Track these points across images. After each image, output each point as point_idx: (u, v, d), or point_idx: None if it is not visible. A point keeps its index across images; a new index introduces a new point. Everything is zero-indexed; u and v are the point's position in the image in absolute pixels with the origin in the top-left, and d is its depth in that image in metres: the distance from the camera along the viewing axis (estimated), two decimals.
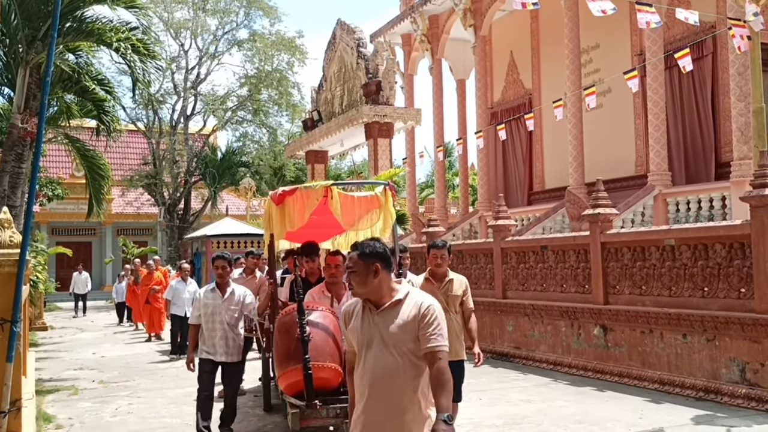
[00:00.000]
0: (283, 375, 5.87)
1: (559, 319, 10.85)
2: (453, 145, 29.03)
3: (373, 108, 18.26)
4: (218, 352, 6.54)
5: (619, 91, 15.31)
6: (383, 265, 3.37)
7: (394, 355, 3.30)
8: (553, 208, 15.50)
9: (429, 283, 6.14)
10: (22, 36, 12.73)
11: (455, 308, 6.12)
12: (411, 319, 3.33)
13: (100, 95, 15.32)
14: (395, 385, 3.29)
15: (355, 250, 3.43)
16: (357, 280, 3.37)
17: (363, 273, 3.35)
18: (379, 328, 3.36)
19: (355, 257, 3.39)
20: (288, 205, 5.94)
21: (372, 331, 3.37)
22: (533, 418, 7.61)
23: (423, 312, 3.32)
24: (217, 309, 6.57)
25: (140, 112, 32.72)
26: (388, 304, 3.37)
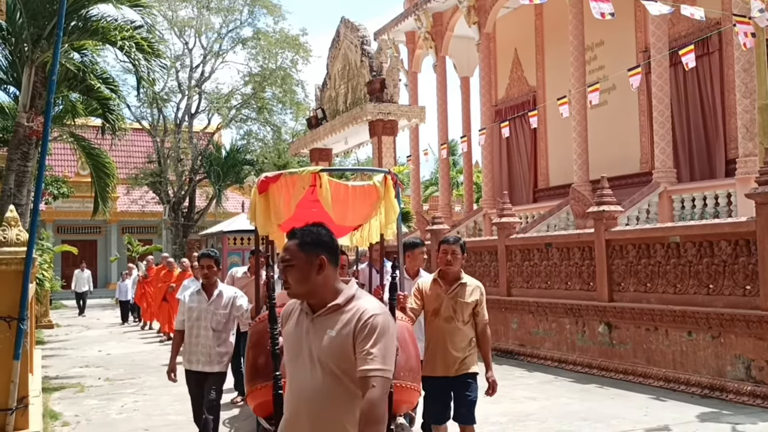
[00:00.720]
0: (252, 393, 5.03)
1: (564, 317, 10.85)
2: (457, 142, 29.03)
3: (377, 106, 18.29)
4: (200, 360, 5.85)
5: (624, 88, 15.27)
6: (329, 257, 2.69)
7: (323, 374, 2.63)
8: (558, 206, 15.48)
9: (437, 285, 5.17)
10: (27, 35, 12.76)
11: (464, 318, 5.11)
12: (347, 333, 2.61)
13: (105, 94, 15.36)
14: (321, 413, 2.63)
15: (293, 238, 2.72)
16: (295, 276, 2.67)
17: (304, 267, 2.65)
18: (310, 338, 2.68)
19: (294, 247, 2.68)
20: (272, 194, 4.97)
21: (302, 340, 2.71)
22: (537, 416, 7.62)
23: (363, 323, 2.59)
24: (202, 313, 5.86)
25: (145, 111, 32.79)
26: (325, 310, 2.68)
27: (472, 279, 5.27)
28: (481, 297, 5.19)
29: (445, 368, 5.04)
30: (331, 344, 2.61)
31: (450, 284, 5.14)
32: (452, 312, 5.05)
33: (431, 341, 5.13)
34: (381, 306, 2.70)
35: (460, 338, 5.06)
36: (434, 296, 5.12)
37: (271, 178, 5.04)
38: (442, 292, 5.12)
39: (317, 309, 2.69)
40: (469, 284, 5.18)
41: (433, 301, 5.11)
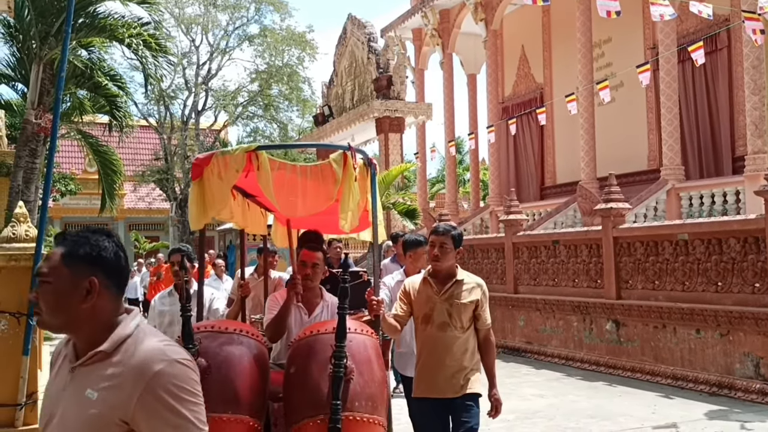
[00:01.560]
0: None
1: (571, 314, 10.83)
2: (464, 139, 29.01)
3: (384, 103, 18.28)
4: None
5: (632, 85, 15.22)
6: (104, 278, 1.80)
7: None
8: (565, 203, 15.45)
9: (427, 285, 4.18)
10: (35, 32, 12.80)
11: (462, 323, 4.12)
12: (114, 401, 1.68)
13: (113, 91, 15.40)
14: None
15: (61, 245, 1.84)
16: (49, 300, 1.77)
17: (64, 291, 1.76)
18: (66, 398, 1.77)
19: (56, 258, 1.79)
20: (207, 180, 3.99)
21: (57, 399, 1.80)
22: (545, 413, 7.61)
23: (147, 385, 1.66)
24: (175, 318, 4.93)
25: (152, 108, 32.86)
26: (89, 357, 1.75)
27: (470, 275, 4.32)
28: (483, 297, 4.21)
29: (441, 388, 4.10)
30: (83, 417, 1.70)
31: (443, 283, 4.15)
32: (447, 317, 4.08)
33: (423, 354, 4.18)
34: (176, 349, 1.76)
35: (459, 349, 4.10)
36: (424, 299, 4.14)
37: (203, 160, 4.07)
38: (433, 294, 4.12)
39: (81, 354, 1.79)
40: (467, 282, 4.20)
41: (423, 304, 4.14)
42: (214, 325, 3.86)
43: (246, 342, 3.73)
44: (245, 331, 3.85)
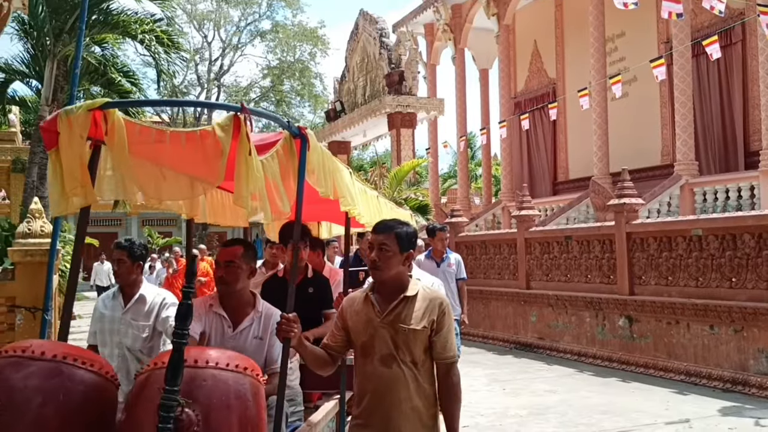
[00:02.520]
0: None
1: (584, 310, 10.79)
2: (476, 135, 28.92)
3: (396, 98, 18.27)
4: None
5: (645, 79, 15.12)
6: None
7: None
8: (578, 198, 15.38)
9: (367, 304, 3.00)
10: (49, 29, 12.90)
11: (413, 356, 2.92)
12: None
13: (126, 87, 15.51)
14: None
15: None
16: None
17: None
18: None
19: None
20: (62, 149, 2.91)
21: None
22: (557, 409, 7.60)
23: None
24: (115, 325, 4.20)
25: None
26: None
27: (428, 290, 3.06)
28: (443, 319, 2.95)
29: None
30: None
31: (388, 301, 2.95)
32: (392, 347, 2.91)
33: (361, 397, 2.99)
34: None
35: (408, 393, 2.88)
36: (363, 322, 2.97)
37: (51, 122, 2.93)
38: (374, 316, 2.94)
39: None
40: (420, 298, 2.96)
41: (362, 330, 2.96)
42: (26, 348, 2.55)
43: (70, 374, 2.52)
44: (78, 359, 2.58)
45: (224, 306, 3.54)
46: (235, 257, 3.45)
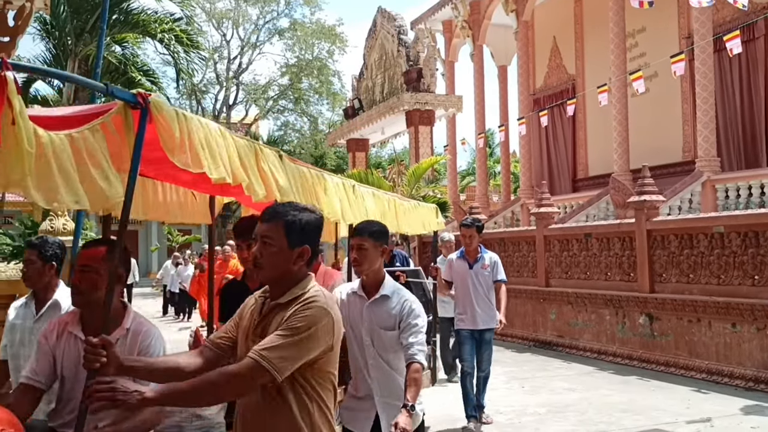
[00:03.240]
0: None
1: (604, 308, 10.72)
2: (494, 132, 28.80)
3: (414, 95, 18.24)
4: None
5: (666, 75, 14.97)
6: None
7: None
8: (597, 195, 15.28)
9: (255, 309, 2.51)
10: (70, 28, 13.03)
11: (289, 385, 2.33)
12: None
13: (146, 86, 15.63)
14: None
15: None
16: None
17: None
18: None
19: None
20: None
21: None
22: (577, 407, 7.55)
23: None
24: (26, 335, 3.72)
25: (184, 102, 33.25)
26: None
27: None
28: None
29: None
30: None
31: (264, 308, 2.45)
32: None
33: None
34: None
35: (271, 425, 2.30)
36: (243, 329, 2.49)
37: None
38: (249, 325, 2.47)
39: None
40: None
41: (242, 342, 2.47)
42: None
43: None
44: None
45: (84, 323, 2.91)
46: (92, 261, 2.83)
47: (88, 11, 13.01)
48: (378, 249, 3.35)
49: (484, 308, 6.53)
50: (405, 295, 3.41)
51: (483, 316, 6.52)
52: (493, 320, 6.51)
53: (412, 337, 3.25)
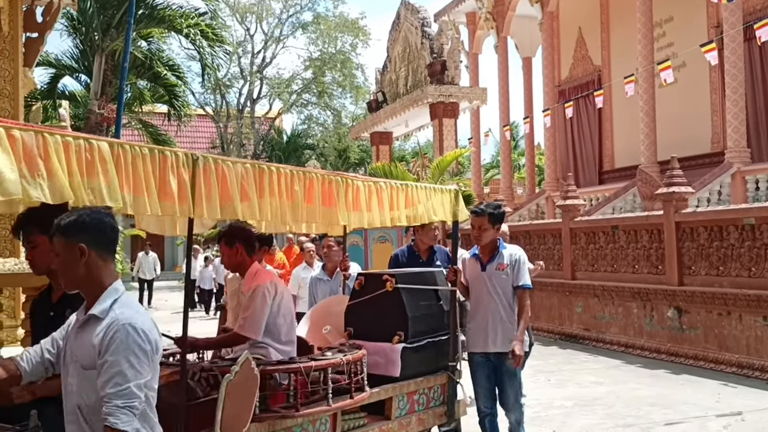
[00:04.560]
0: None
1: (631, 301, 10.62)
2: (519, 124, 28.61)
3: (438, 88, 18.16)
4: None
5: (694, 65, 14.74)
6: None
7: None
8: (624, 188, 15.11)
9: None
10: (97, 24, 13.16)
11: None
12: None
13: (172, 81, 15.77)
14: None
15: None
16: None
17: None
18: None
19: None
20: None
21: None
22: (604, 400, 7.50)
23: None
24: None
25: (208, 97, 33.48)
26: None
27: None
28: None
29: None
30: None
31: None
32: None
33: None
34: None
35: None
36: None
37: None
38: None
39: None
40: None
41: None
42: None
43: None
44: None
45: None
46: None
47: (114, 6, 13.13)
48: None
49: (501, 324, 4.78)
50: None
51: (500, 334, 4.78)
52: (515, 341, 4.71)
53: None
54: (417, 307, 4.66)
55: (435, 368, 4.72)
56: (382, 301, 4.58)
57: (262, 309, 4.00)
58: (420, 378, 4.59)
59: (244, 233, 4.29)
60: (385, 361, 4.43)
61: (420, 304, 4.69)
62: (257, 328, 3.98)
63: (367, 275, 4.97)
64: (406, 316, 4.53)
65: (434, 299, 4.87)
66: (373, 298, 4.61)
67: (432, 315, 4.80)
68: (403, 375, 4.43)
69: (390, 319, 4.55)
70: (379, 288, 4.58)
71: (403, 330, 4.50)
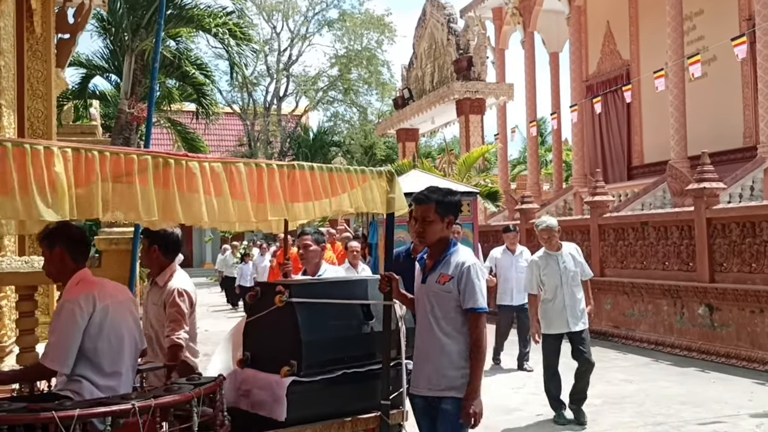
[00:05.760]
0: None
1: (661, 298, 10.50)
2: (546, 120, 28.40)
3: (465, 84, 18.12)
4: None
5: (726, 59, 14.51)
6: None
7: None
8: (654, 183, 14.94)
9: None
10: (127, 24, 13.33)
11: None
12: None
13: (200, 79, 15.92)
14: None
15: None
16: None
17: None
18: None
19: None
20: None
21: None
22: (634, 399, 7.43)
23: None
24: None
25: (235, 95, 33.73)
26: None
27: None
28: None
29: None
30: None
31: None
32: None
33: None
34: None
35: None
36: None
37: None
38: None
39: None
40: None
41: None
42: None
43: None
44: None
45: None
46: None
47: (144, 7, 13.29)
48: None
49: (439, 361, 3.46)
50: None
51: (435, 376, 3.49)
52: None
53: None
54: (320, 328, 3.55)
55: (359, 408, 3.61)
56: (277, 320, 3.57)
57: (67, 333, 3.20)
58: (324, 422, 3.49)
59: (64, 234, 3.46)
60: (270, 400, 3.46)
61: (328, 324, 3.58)
62: (61, 358, 3.19)
63: (263, 285, 3.87)
64: (299, 341, 3.43)
65: (360, 318, 3.72)
66: (270, 315, 3.58)
67: (352, 338, 3.66)
68: (291, 419, 3.37)
69: (284, 344, 3.53)
70: (273, 302, 3.53)
71: (296, 358, 3.41)
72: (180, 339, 4.00)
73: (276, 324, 3.57)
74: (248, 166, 3.13)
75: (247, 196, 3.10)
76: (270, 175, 3.18)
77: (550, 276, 6.58)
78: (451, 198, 3.55)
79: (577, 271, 6.71)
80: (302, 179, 3.33)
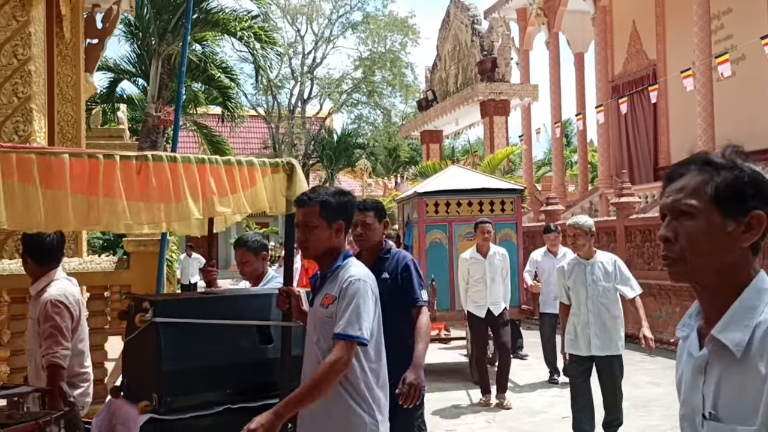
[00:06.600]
0: None
1: (689, 300, 10.37)
2: (571, 120, 28.20)
3: (489, 85, 18.06)
4: None
5: (755, 58, 14.30)
6: None
7: None
8: None
9: None
10: (154, 29, 13.50)
11: None
12: None
13: (225, 83, 16.08)
14: None
15: None
16: None
17: None
18: None
19: None
20: None
21: None
22: (661, 402, 7.36)
23: None
24: None
25: (260, 98, 33.95)
26: None
27: None
28: None
29: None
30: None
31: None
32: None
33: None
34: None
35: None
36: None
37: None
38: None
39: None
40: None
41: None
42: None
43: None
44: None
45: None
46: None
47: (170, 12, 13.46)
48: None
49: None
50: None
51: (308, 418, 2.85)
52: None
53: None
54: (192, 355, 3.00)
55: None
56: (144, 344, 3.05)
57: None
58: None
59: None
60: None
61: (206, 351, 3.02)
62: None
63: (136, 300, 3.25)
64: (161, 370, 2.90)
65: (254, 341, 3.16)
66: (140, 336, 3.04)
67: (241, 367, 3.11)
68: None
69: (149, 373, 3.01)
70: None
71: (157, 391, 2.89)
72: (57, 358, 3.42)
73: (143, 348, 3.05)
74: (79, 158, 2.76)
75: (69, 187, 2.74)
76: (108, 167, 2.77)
77: (575, 287, 5.84)
78: (342, 198, 2.81)
79: (609, 286, 5.89)
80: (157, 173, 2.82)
